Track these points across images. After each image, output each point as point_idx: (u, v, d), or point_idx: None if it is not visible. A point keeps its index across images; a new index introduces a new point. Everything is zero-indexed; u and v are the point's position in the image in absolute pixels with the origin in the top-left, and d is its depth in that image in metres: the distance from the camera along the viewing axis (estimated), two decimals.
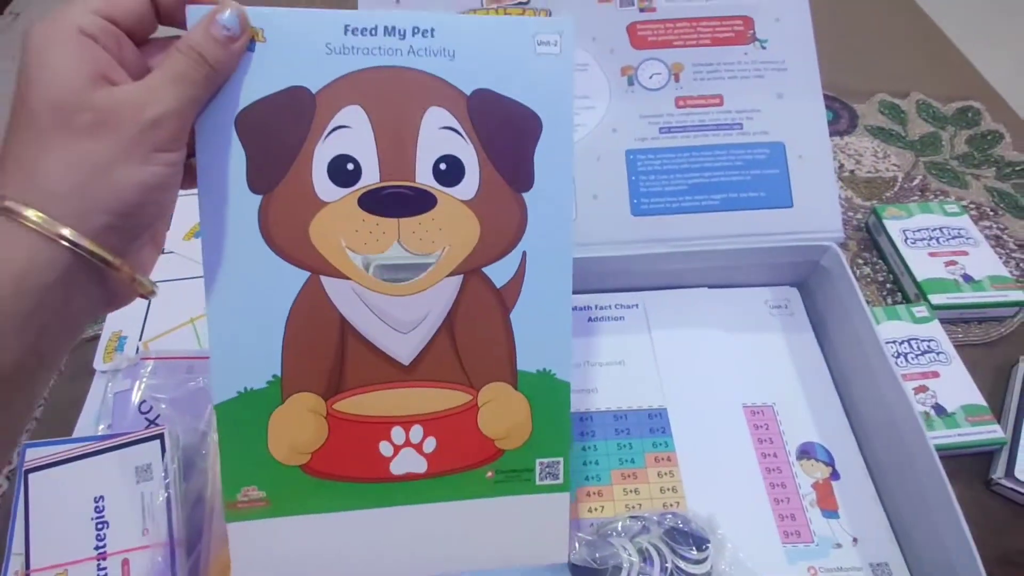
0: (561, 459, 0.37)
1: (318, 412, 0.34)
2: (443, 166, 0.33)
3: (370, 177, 0.32)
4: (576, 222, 0.52)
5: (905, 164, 0.72)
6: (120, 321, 0.58)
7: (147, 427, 0.46)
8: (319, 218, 0.32)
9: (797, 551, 0.44)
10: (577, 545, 0.40)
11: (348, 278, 0.33)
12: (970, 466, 0.50)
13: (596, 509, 0.46)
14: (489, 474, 0.36)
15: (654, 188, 0.53)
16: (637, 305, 0.55)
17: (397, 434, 0.35)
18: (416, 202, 0.32)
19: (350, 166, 0.32)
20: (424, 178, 0.33)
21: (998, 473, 0.48)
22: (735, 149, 0.53)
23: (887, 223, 0.63)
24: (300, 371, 0.33)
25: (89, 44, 0.25)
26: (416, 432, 0.35)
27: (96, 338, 0.58)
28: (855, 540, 0.44)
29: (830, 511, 0.46)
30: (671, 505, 0.46)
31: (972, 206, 0.68)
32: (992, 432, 0.49)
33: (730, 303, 0.55)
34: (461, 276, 0.34)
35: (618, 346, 0.53)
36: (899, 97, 0.80)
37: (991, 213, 0.67)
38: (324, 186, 0.32)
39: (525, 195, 0.34)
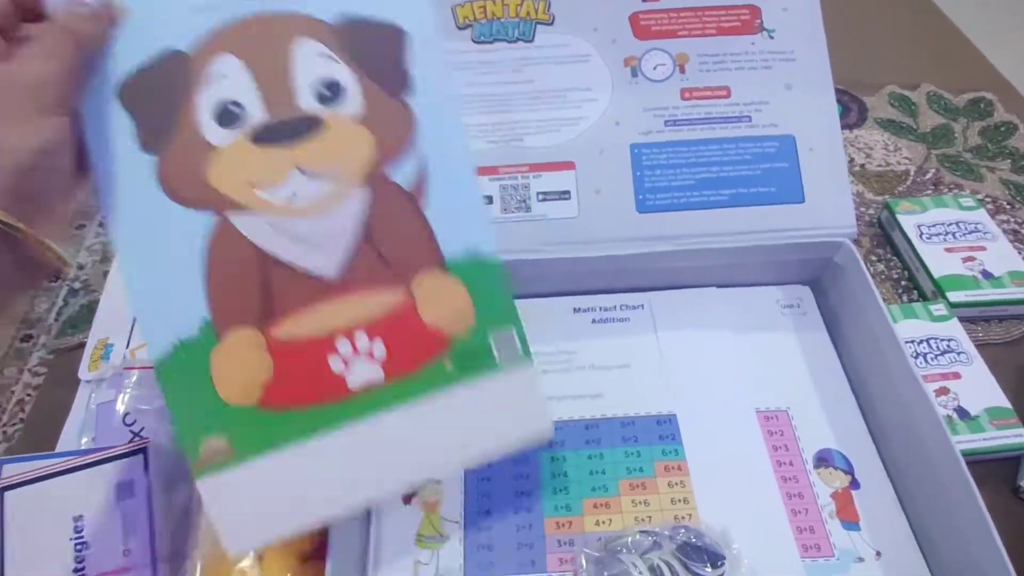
0: (513, 328, 0.37)
1: (257, 345, 0.34)
2: (323, 90, 0.35)
3: (256, 115, 0.34)
4: (579, 219, 0.50)
5: (917, 157, 0.70)
6: (107, 329, 0.56)
7: (131, 440, 0.44)
8: (216, 162, 0.34)
9: (818, 566, 0.41)
10: (584, 562, 0.37)
11: (259, 212, 0.34)
12: (996, 472, 0.48)
13: (604, 522, 0.43)
14: (447, 363, 0.36)
15: (660, 183, 0.50)
16: (643, 306, 0.53)
17: (343, 345, 0.35)
18: (303, 127, 0.35)
19: (235, 109, 0.34)
20: (307, 104, 0.35)
21: None
22: (744, 142, 0.51)
23: (901, 218, 0.60)
24: (228, 309, 0.34)
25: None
26: (361, 339, 0.35)
27: (82, 346, 0.56)
28: (878, 553, 0.42)
29: (851, 523, 0.43)
30: (683, 517, 0.43)
31: (988, 200, 0.65)
32: (1019, 436, 0.47)
33: (740, 303, 0.53)
34: (369, 187, 0.35)
35: (623, 349, 0.50)
36: (909, 89, 0.78)
37: (1008, 207, 0.65)
38: (214, 132, 0.34)
39: (409, 100, 0.36)
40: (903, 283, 0.59)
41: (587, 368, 0.50)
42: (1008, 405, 0.48)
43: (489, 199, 0.50)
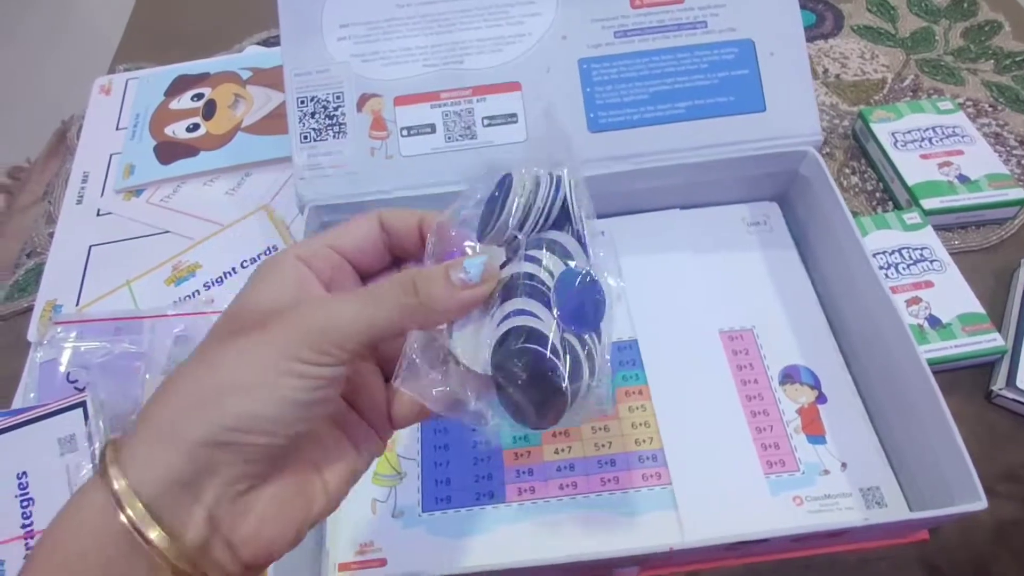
0: None
1: None
2: None
3: None
4: (528, 143, 0.47)
5: (895, 64, 0.66)
6: (55, 289, 0.55)
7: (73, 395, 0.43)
8: None
9: (781, 481, 0.40)
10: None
11: None
12: (970, 379, 0.46)
13: (563, 450, 0.42)
14: None
15: (612, 100, 0.48)
16: (603, 233, 0.51)
17: None
18: None
19: None
20: None
21: (999, 384, 0.45)
22: (699, 50, 0.48)
23: (875, 127, 0.57)
24: None
25: (296, 266, 0.23)
26: None
27: (31, 309, 0.54)
28: (844, 465, 0.41)
29: (817, 436, 0.42)
30: (643, 441, 0.42)
31: (969, 103, 0.62)
32: (991, 341, 0.45)
33: (704, 224, 0.51)
34: None
35: None
36: None
37: (990, 109, 0.61)
38: None
39: None
40: (878, 195, 0.57)
41: None
42: (981, 310, 0.46)
43: (431, 127, 0.47)
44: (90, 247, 0.57)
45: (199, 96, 0.67)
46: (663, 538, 0.38)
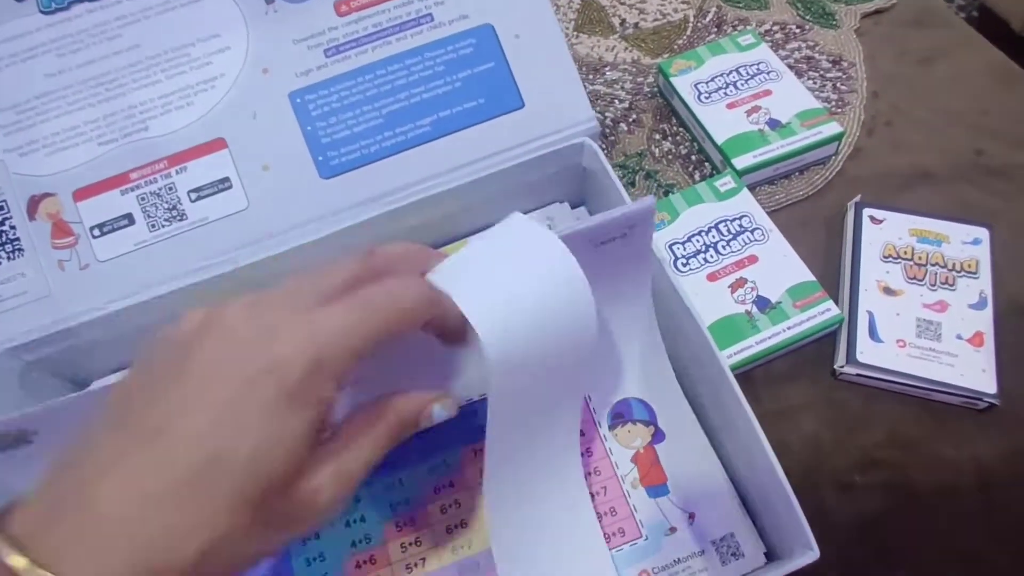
0: None
1: None
2: None
3: None
4: (250, 210, 0.38)
5: None
6: None
7: None
8: None
9: (623, 555, 0.34)
10: None
11: None
12: (814, 357, 0.41)
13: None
14: None
15: (340, 134, 0.39)
16: None
17: None
18: None
19: None
20: None
21: (840, 360, 0.39)
22: (429, 50, 0.40)
23: (675, 80, 0.51)
24: None
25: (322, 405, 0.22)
26: None
27: None
28: (691, 516, 0.34)
29: (657, 487, 0.35)
30: (462, 547, 0.35)
31: (776, 28, 0.56)
32: (825, 312, 0.40)
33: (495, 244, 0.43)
34: None
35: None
36: None
37: (797, 31, 0.56)
38: None
39: None
40: (693, 158, 0.50)
41: None
42: (811, 278, 0.41)
43: (128, 218, 0.38)
44: None
45: None
46: None
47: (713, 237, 0.43)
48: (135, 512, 0.19)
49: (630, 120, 0.53)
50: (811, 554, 0.28)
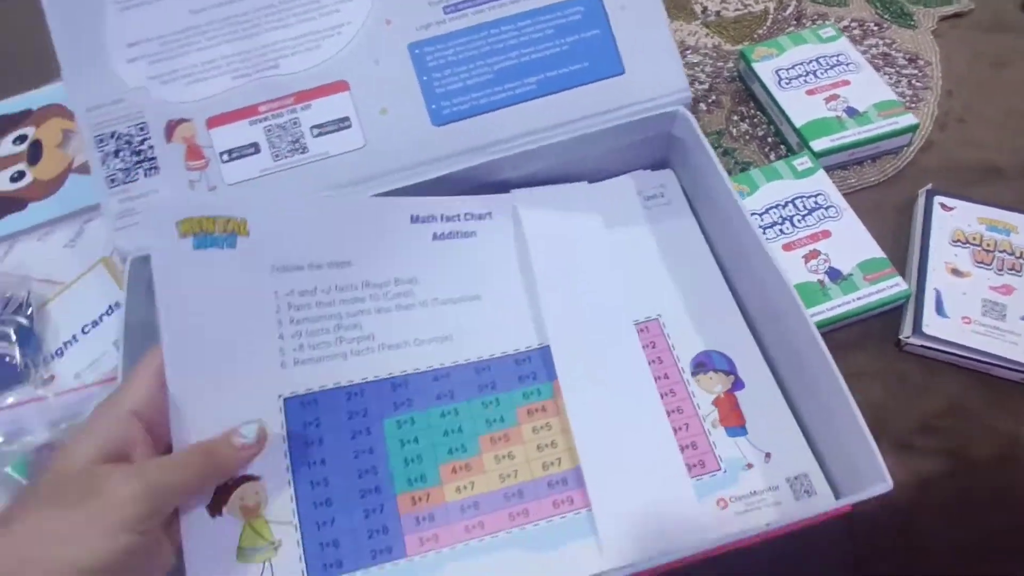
0: None
1: None
2: None
3: None
4: (367, 148, 0.42)
5: None
6: None
7: None
8: None
9: (703, 484, 0.36)
10: None
11: None
12: (881, 328, 0.43)
13: (466, 488, 0.37)
14: None
15: (453, 85, 0.42)
16: (490, 214, 0.42)
17: None
18: None
19: None
20: None
21: (905, 332, 0.42)
22: (541, 15, 0.43)
23: (757, 66, 0.53)
24: None
25: (129, 423, 0.29)
26: None
27: None
28: (767, 456, 0.37)
29: (736, 428, 0.38)
30: (552, 464, 0.38)
31: (855, 24, 0.58)
32: (894, 287, 0.42)
33: (597, 201, 0.44)
34: None
35: (472, 274, 0.41)
36: None
37: (875, 28, 0.58)
38: None
39: None
40: (770, 140, 0.53)
41: (431, 304, 0.41)
42: (881, 255, 0.43)
43: (255, 147, 0.41)
44: None
45: (22, 138, 0.59)
46: (581, 570, 0.34)
47: (789, 211, 0.46)
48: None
49: (709, 101, 0.55)
50: (884, 484, 0.30)
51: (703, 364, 0.40)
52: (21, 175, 0.57)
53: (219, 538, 0.33)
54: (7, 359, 0.44)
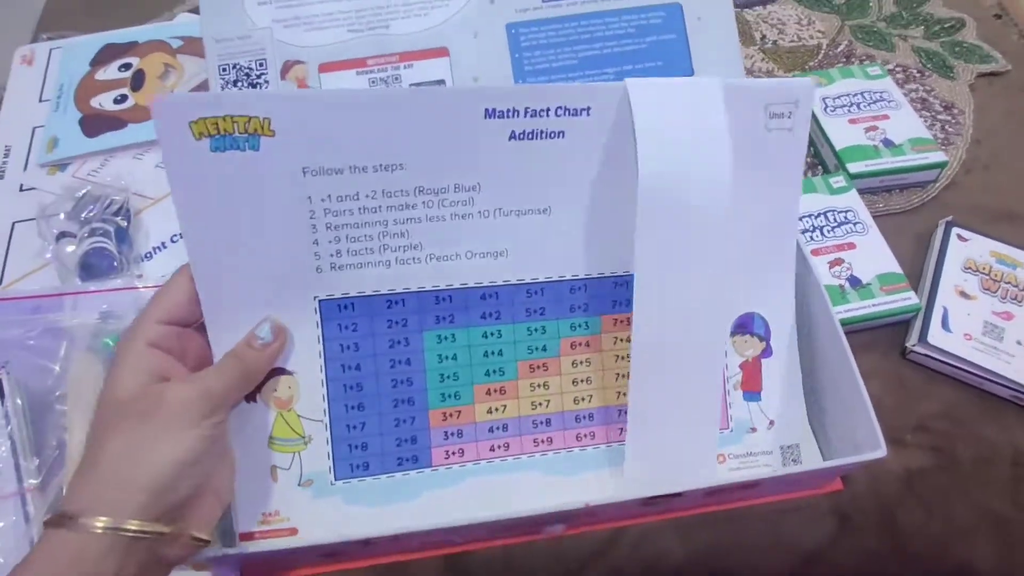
0: None
1: None
2: None
3: None
4: None
5: (830, 30, 0.67)
6: None
7: None
8: None
9: None
10: None
11: None
12: (887, 337, 0.48)
13: (497, 409, 0.38)
14: None
15: (541, 65, 0.47)
16: (588, 110, 0.35)
17: None
18: None
19: None
20: None
21: (912, 340, 0.46)
22: (627, 14, 0.48)
23: None
24: None
25: (153, 353, 0.30)
26: None
27: None
28: (771, 423, 0.41)
29: (753, 393, 0.42)
30: (582, 400, 0.39)
31: (899, 69, 0.63)
32: (907, 300, 0.47)
33: (723, 106, 0.36)
34: None
35: (548, 183, 0.36)
36: None
37: (918, 75, 0.63)
38: None
39: None
40: (808, 159, 0.58)
41: (492, 215, 0.36)
42: (899, 270, 0.48)
43: None
44: (13, 223, 0.56)
45: (127, 66, 0.65)
46: (588, 497, 0.38)
47: (820, 221, 0.50)
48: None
49: None
50: (880, 451, 0.35)
51: (743, 326, 0.40)
52: (124, 98, 0.62)
53: (254, 422, 0.34)
54: (107, 252, 0.49)
